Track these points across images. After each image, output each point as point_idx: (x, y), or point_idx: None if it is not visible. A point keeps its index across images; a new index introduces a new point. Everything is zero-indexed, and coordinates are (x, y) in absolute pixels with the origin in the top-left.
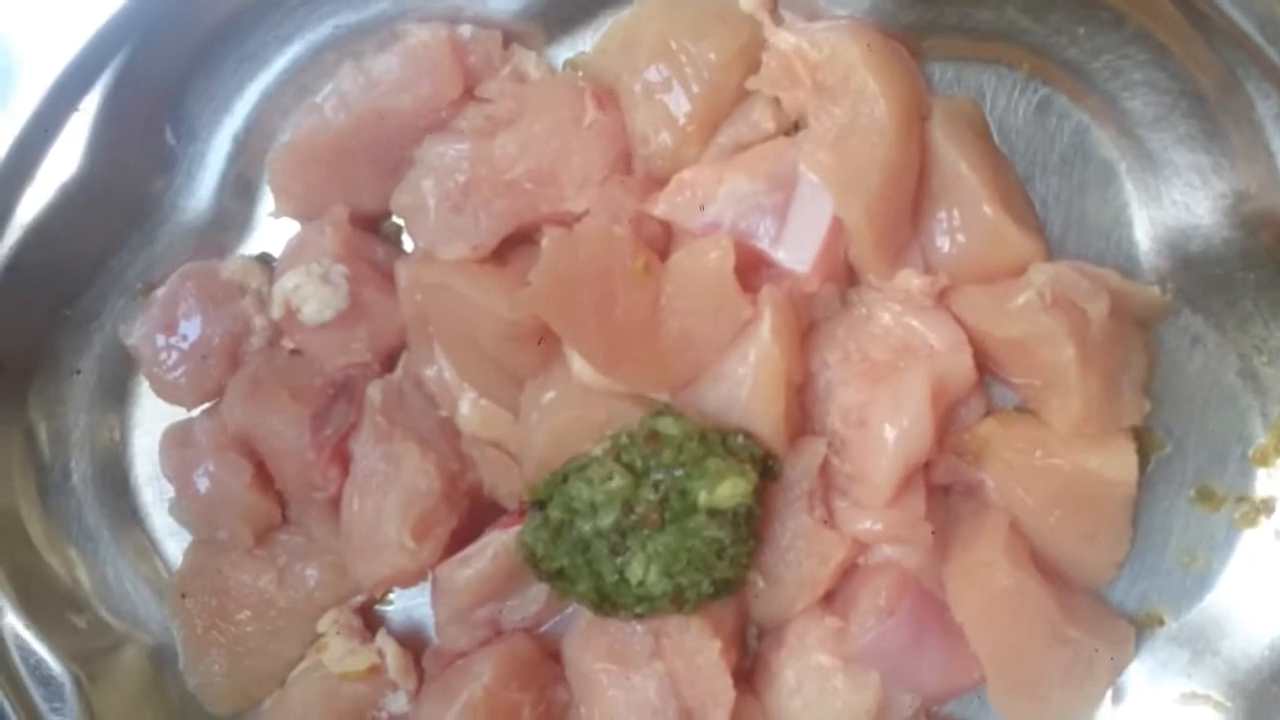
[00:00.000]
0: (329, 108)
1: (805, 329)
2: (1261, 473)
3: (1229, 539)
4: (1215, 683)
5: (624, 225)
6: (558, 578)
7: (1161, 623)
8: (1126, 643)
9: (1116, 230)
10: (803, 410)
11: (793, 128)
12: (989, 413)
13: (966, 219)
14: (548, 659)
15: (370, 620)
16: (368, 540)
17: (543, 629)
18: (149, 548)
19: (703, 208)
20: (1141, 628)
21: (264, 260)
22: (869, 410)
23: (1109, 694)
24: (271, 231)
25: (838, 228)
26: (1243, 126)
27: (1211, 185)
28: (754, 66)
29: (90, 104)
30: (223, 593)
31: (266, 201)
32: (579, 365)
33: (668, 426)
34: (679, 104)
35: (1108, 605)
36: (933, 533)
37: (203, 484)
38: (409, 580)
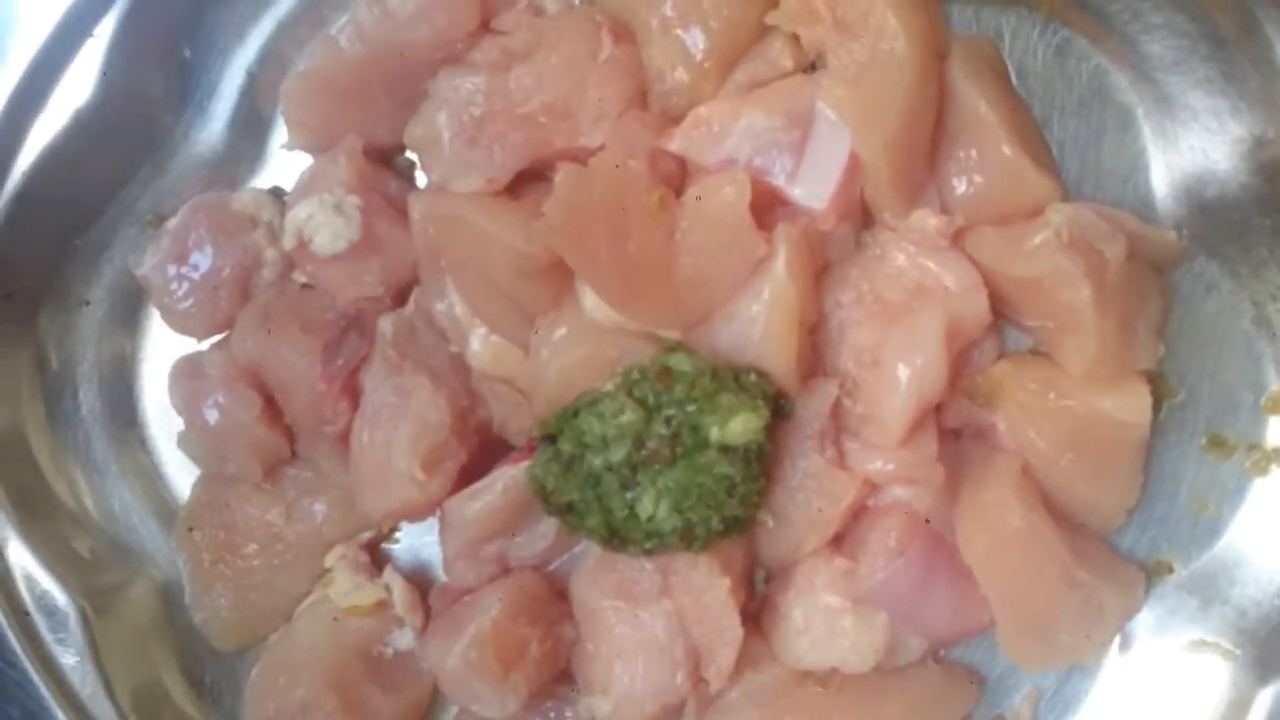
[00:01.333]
0: (344, 39)
1: (819, 268)
2: (1273, 421)
3: (1240, 487)
4: (1224, 630)
5: (639, 160)
6: (567, 512)
7: (1171, 570)
8: (1136, 588)
9: (1133, 175)
10: (815, 350)
11: (810, 66)
12: (1002, 356)
13: (984, 159)
14: (556, 595)
15: (377, 559)
16: (377, 473)
17: (551, 566)
18: (157, 481)
19: (719, 143)
20: (1151, 575)
21: (276, 193)
22: (882, 350)
23: (1116, 641)
24: (283, 165)
25: (854, 166)
26: (1262, 70)
27: (1229, 130)
28: (772, 3)
29: (104, 30)
30: (230, 526)
31: (279, 134)
32: (591, 301)
33: (680, 363)
34: (696, 40)
35: (1117, 551)
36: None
37: (212, 416)
38: (418, 514)
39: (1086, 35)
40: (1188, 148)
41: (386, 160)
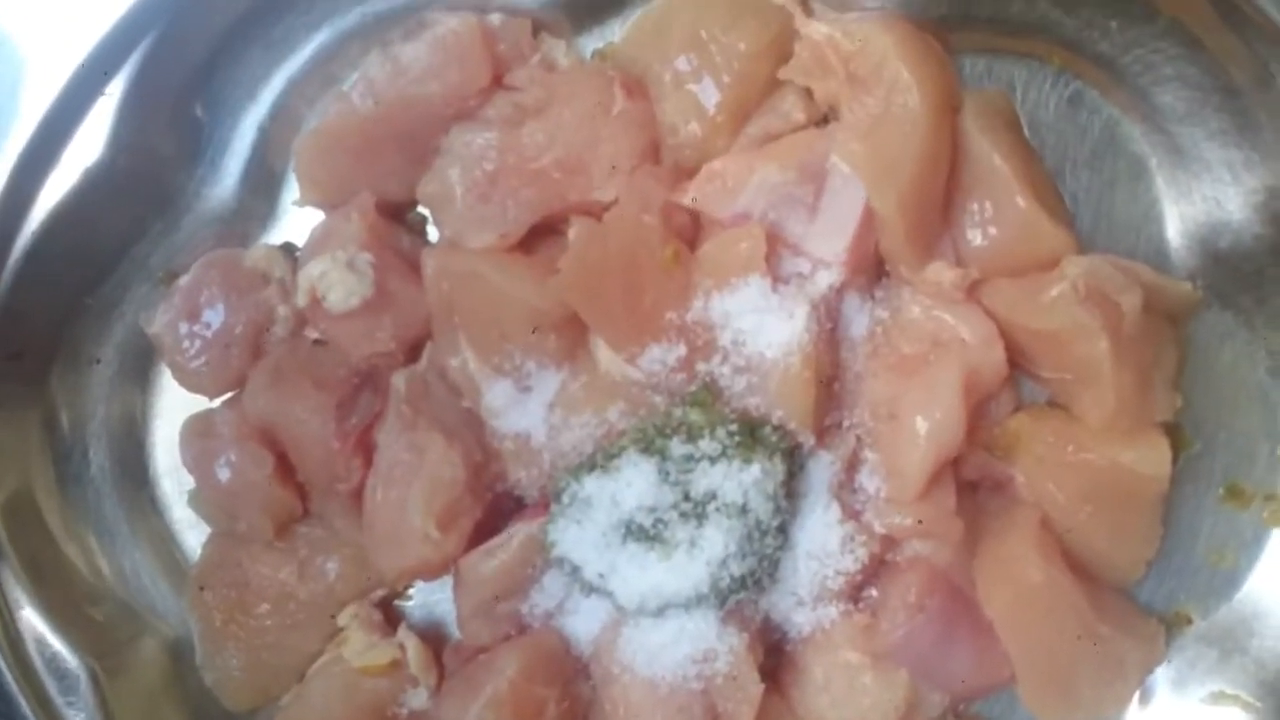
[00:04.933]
0: (356, 95)
1: (835, 321)
2: None
3: (1258, 537)
4: (1244, 682)
5: (653, 215)
6: (582, 571)
7: (1190, 622)
8: (1156, 641)
9: (1146, 226)
10: (832, 403)
11: (823, 120)
12: (1019, 408)
13: (999, 211)
14: (572, 654)
15: (390, 617)
16: (391, 530)
17: (567, 624)
18: (168, 539)
19: (733, 198)
20: (1169, 627)
21: (288, 250)
22: (900, 403)
23: (1137, 695)
24: (295, 222)
25: (869, 219)
26: (1275, 121)
27: (1242, 181)
28: (784, 57)
29: (115, 89)
30: (242, 585)
31: (290, 191)
32: (605, 355)
33: (696, 417)
34: (709, 94)
35: (1136, 604)
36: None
37: (223, 474)
38: (433, 572)
39: (1098, 87)
40: (1201, 198)
41: (399, 216)
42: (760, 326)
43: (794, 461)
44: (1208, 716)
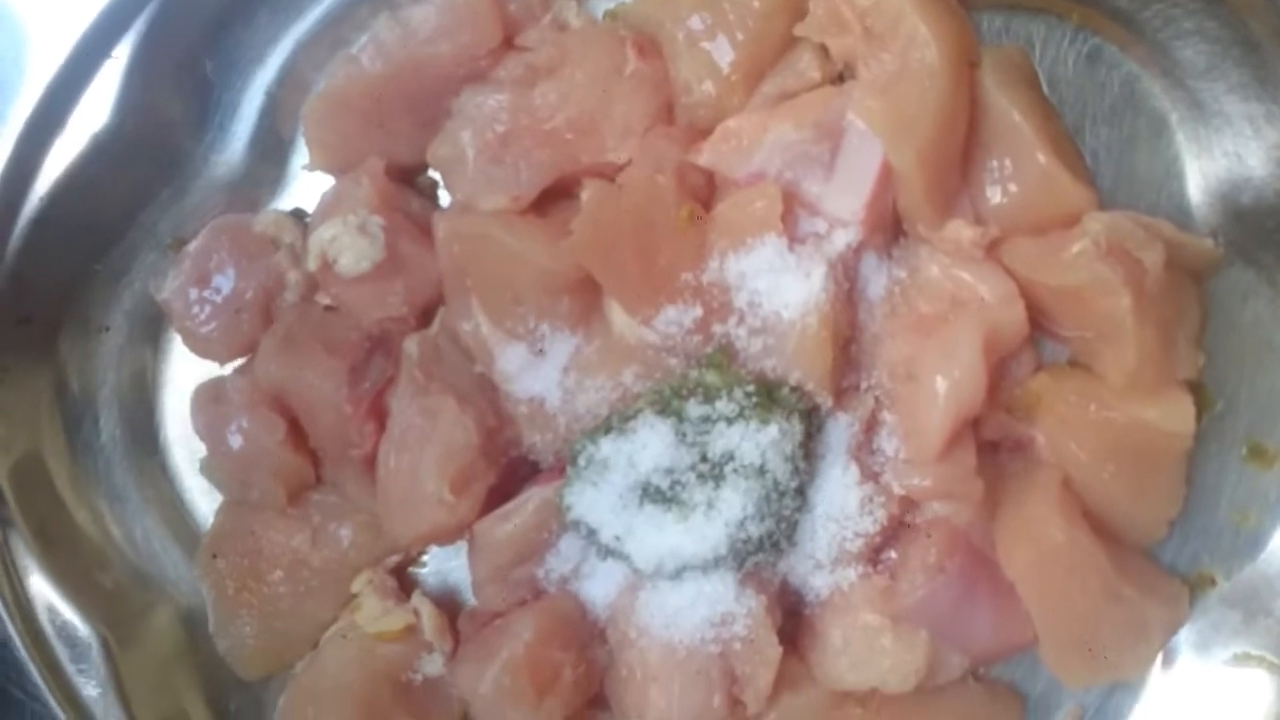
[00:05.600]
0: (365, 58)
1: (853, 281)
2: None
3: None
4: (1269, 643)
5: (667, 175)
6: (598, 534)
7: (1213, 583)
8: (1180, 602)
9: (1167, 183)
10: (850, 364)
11: (839, 77)
12: (1039, 368)
13: (1018, 168)
14: (588, 619)
15: (405, 583)
16: (405, 496)
17: (583, 588)
18: (179, 507)
19: (748, 157)
20: (1192, 589)
21: (298, 215)
22: (918, 363)
23: (1160, 657)
24: (305, 187)
25: (886, 177)
26: None
27: (1264, 135)
28: (799, 14)
29: (123, 52)
30: (254, 553)
31: (300, 156)
32: (620, 318)
33: (712, 378)
34: (723, 52)
35: (1159, 565)
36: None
37: (235, 441)
38: (447, 537)
39: (1117, 42)
40: (1222, 154)
41: (409, 179)
42: (776, 287)
43: (812, 423)
44: (1231, 678)
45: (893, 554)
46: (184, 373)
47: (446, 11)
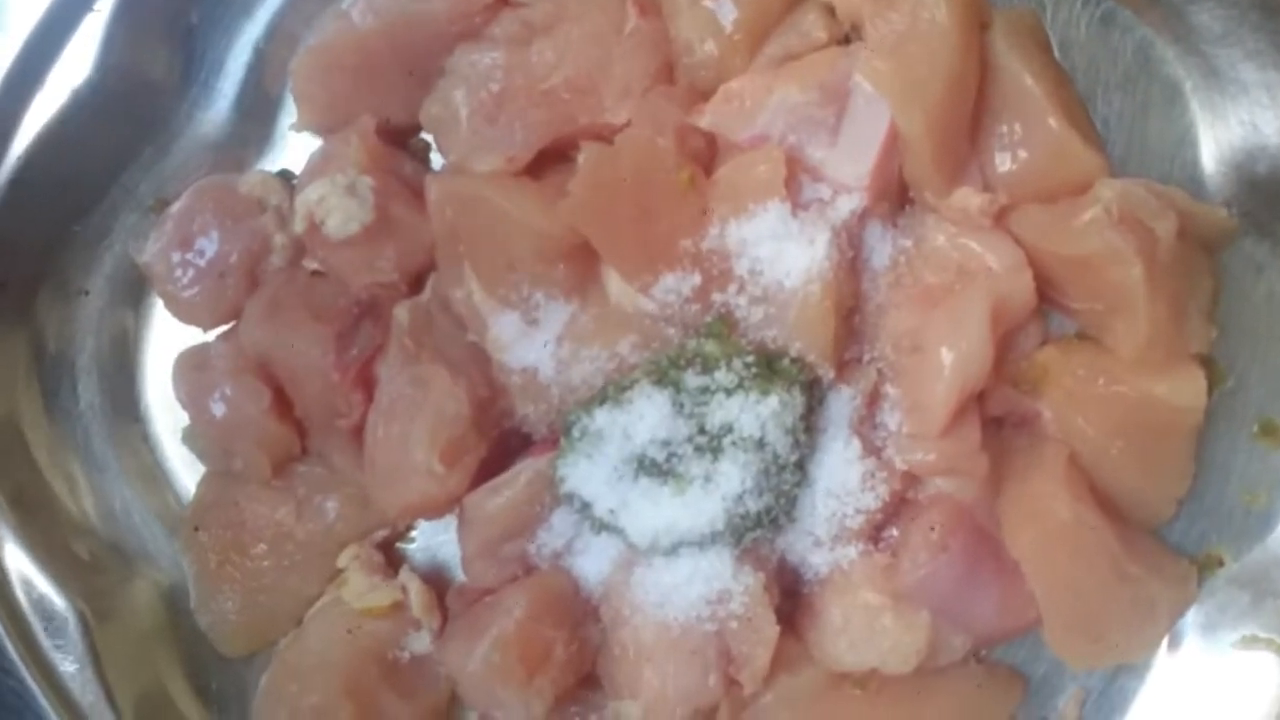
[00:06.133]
0: (356, 12)
1: (857, 249)
2: None
3: None
4: (1277, 626)
5: (667, 137)
6: (592, 508)
7: (1221, 564)
8: (1188, 582)
9: (1181, 151)
10: (853, 335)
11: (845, 38)
12: (1047, 341)
13: (1029, 134)
14: (581, 595)
15: (392, 558)
16: (394, 467)
17: (576, 564)
18: (160, 478)
19: (751, 119)
20: (1200, 569)
21: (285, 176)
22: (924, 335)
23: (1165, 639)
24: (292, 147)
25: (893, 142)
26: None
27: None
28: None
29: (105, 4)
30: (238, 526)
31: (287, 115)
32: (617, 285)
33: (711, 348)
34: (725, 11)
35: (1167, 545)
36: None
37: (218, 409)
38: (435, 510)
39: (1131, 6)
40: (1237, 122)
41: (401, 141)
42: (779, 254)
43: (813, 395)
44: (1239, 661)
45: (894, 531)
46: (166, 338)
47: None
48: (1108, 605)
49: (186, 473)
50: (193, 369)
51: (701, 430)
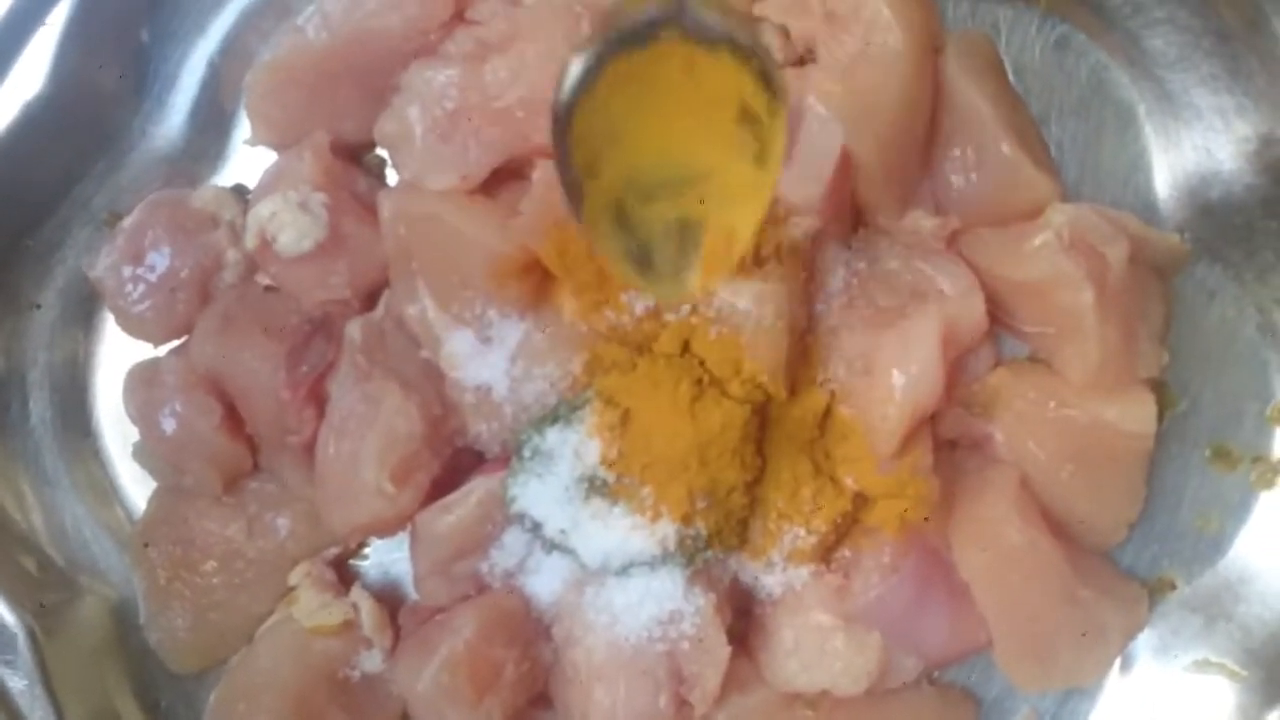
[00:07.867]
0: (311, 28)
1: (809, 271)
2: None
3: (1245, 501)
4: (1230, 650)
5: None
6: (543, 528)
7: (1173, 587)
8: (1139, 605)
9: (1134, 175)
10: (804, 357)
11: (799, 60)
12: (998, 364)
13: (981, 157)
14: (532, 615)
15: (344, 576)
16: (344, 485)
17: (527, 583)
18: (111, 494)
19: None
20: (1152, 593)
21: (238, 191)
22: (875, 357)
23: (1117, 662)
24: (246, 162)
25: (846, 164)
26: (1268, 66)
27: (1234, 129)
28: None
29: (57, 17)
30: (188, 542)
31: (241, 130)
32: (570, 304)
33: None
34: None
35: (1118, 568)
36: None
37: (169, 425)
38: (387, 529)
39: (1086, 30)
40: (1191, 147)
41: (355, 157)
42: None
43: (764, 416)
44: (1191, 685)
45: (846, 552)
46: (118, 354)
47: None
48: (1059, 628)
49: (137, 488)
50: (143, 384)
51: None
